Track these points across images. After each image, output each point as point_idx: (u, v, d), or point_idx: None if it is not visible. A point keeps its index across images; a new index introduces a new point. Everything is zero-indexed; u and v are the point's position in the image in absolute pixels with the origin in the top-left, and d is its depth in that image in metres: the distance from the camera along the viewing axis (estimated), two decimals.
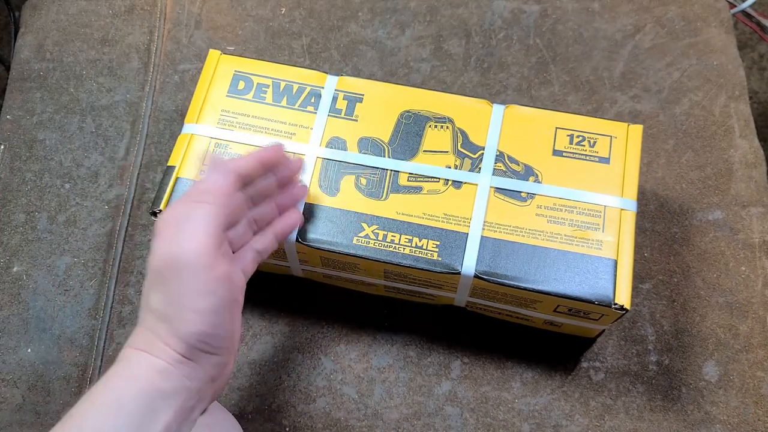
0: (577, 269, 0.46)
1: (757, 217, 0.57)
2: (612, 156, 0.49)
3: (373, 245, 0.47)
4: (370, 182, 0.49)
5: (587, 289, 0.45)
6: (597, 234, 0.47)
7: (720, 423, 0.51)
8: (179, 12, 0.67)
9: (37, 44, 0.66)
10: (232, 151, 0.50)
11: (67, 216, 0.58)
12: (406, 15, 0.67)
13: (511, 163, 0.49)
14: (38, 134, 0.62)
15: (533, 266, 0.46)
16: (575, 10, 0.66)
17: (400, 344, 0.54)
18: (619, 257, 0.46)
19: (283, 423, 0.51)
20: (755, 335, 0.53)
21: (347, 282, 0.53)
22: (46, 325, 0.54)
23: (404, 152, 0.50)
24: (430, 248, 0.47)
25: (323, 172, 0.49)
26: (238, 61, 0.53)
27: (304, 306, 0.55)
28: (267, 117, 0.51)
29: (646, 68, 0.63)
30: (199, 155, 0.50)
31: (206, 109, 0.51)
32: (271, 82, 0.52)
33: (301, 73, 0.53)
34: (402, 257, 0.46)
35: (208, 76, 0.53)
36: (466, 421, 0.51)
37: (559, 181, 0.48)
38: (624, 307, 0.44)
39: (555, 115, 0.51)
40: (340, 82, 0.52)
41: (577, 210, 0.48)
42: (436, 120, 0.51)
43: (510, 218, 0.47)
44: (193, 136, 0.50)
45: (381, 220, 0.48)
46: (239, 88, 0.52)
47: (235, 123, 0.51)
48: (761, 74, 1.08)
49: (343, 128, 0.51)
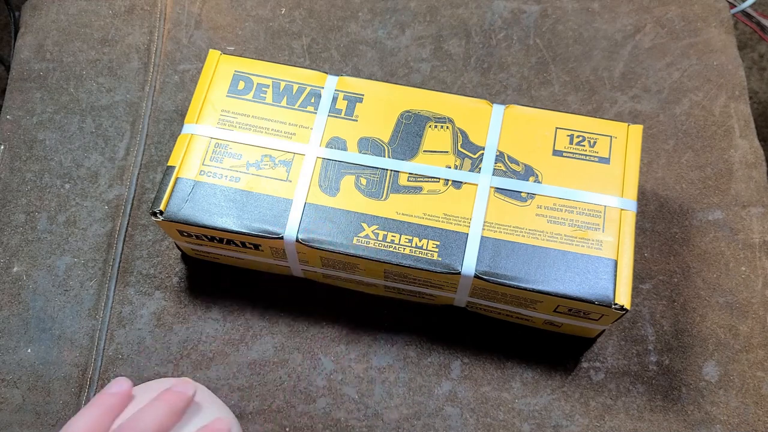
0: (577, 269, 0.46)
1: (757, 217, 0.57)
2: (612, 156, 0.49)
3: (373, 245, 0.47)
4: (370, 182, 0.49)
5: (587, 290, 0.45)
6: (597, 234, 0.47)
7: (720, 423, 0.51)
8: (179, 12, 0.67)
9: (37, 44, 0.66)
10: (232, 151, 0.50)
11: (67, 216, 0.58)
12: (406, 15, 0.67)
13: (511, 163, 0.49)
14: (38, 134, 0.62)
15: (533, 266, 0.46)
16: (575, 10, 0.66)
17: (400, 344, 0.54)
18: (620, 257, 0.46)
19: (283, 423, 0.51)
20: (755, 335, 0.53)
21: (347, 282, 0.53)
22: (46, 325, 0.54)
23: (404, 152, 0.50)
24: (430, 248, 0.47)
25: (323, 172, 0.49)
26: (238, 61, 0.53)
27: (304, 306, 0.55)
28: (267, 117, 0.51)
29: (646, 68, 0.63)
30: (199, 156, 0.50)
31: (206, 109, 0.51)
32: (271, 82, 0.52)
33: (301, 73, 0.53)
34: (402, 257, 0.46)
35: (208, 76, 0.53)
36: (466, 421, 0.51)
37: (559, 181, 0.48)
38: (624, 307, 0.44)
39: (555, 115, 0.51)
40: (340, 82, 0.52)
41: (577, 210, 0.48)
42: (436, 120, 0.51)
43: (510, 218, 0.47)
44: (193, 136, 0.50)
45: (381, 220, 0.47)
46: (239, 88, 0.52)
47: (235, 123, 0.51)
48: (761, 74, 1.08)
49: (343, 128, 0.51)
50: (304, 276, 0.54)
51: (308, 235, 0.47)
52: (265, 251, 0.50)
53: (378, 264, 0.47)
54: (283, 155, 0.50)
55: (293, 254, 0.49)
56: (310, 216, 0.48)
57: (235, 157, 0.50)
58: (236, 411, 0.51)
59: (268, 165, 0.50)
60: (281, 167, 0.50)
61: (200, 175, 0.49)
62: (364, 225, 0.47)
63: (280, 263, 0.52)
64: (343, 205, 0.48)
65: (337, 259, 0.48)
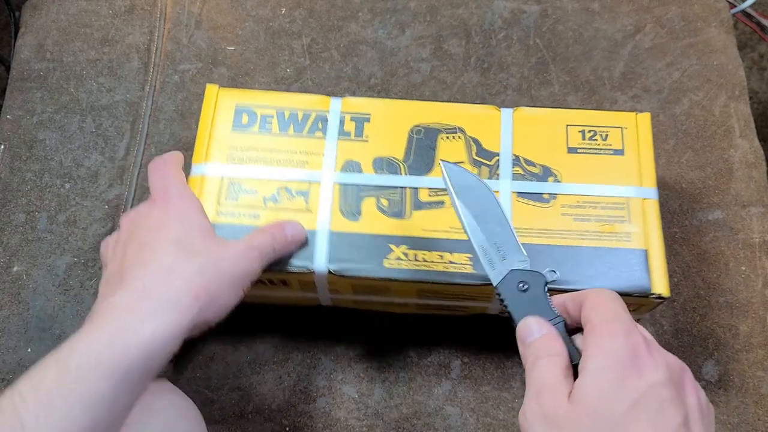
0: (610, 264, 0.45)
1: (757, 217, 0.57)
2: (625, 147, 0.49)
3: (405, 266, 0.45)
4: (391, 202, 0.48)
5: (624, 283, 0.45)
6: (624, 226, 0.46)
7: (720, 423, 0.51)
8: (179, 12, 0.67)
9: (37, 44, 0.66)
10: (246, 188, 0.48)
11: (67, 216, 0.58)
12: (406, 15, 0.67)
13: (528, 166, 0.49)
14: (38, 134, 0.62)
15: (567, 267, 0.45)
16: (575, 10, 0.66)
17: (400, 344, 0.54)
18: (649, 246, 0.46)
19: (283, 423, 0.51)
20: (755, 335, 0.53)
21: (377, 305, 0.51)
22: (46, 325, 0.54)
23: (420, 167, 0.49)
24: (463, 262, 0.46)
25: (342, 198, 0.48)
26: (237, 93, 0.52)
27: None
28: (276, 148, 0.49)
29: (646, 68, 0.63)
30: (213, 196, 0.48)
31: (213, 148, 0.49)
32: (275, 112, 0.51)
33: (303, 98, 0.51)
34: (436, 275, 0.45)
35: (209, 112, 0.50)
36: (466, 421, 0.51)
37: (578, 178, 0.48)
38: (662, 295, 0.44)
39: (563, 112, 0.50)
40: (345, 103, 0.51)
41: (601, 205, 0.47)
42: (447, 131, 0.50)
43: (536, 221, 0.47)
44: (204, 177, 0.48)
45: (409, 240, 0.46)
46: (243, 122, 0.50)
47: (245, 158, 0.49)
48: (761, 74, 1.08)
49: (355, 150, 0.49)
50: (333, 305, 0.53)
51: (339, 265, 0.46)
52: (293, 286, 0.49)
53: (412, 284, 0.46)
54: (299, 185, 0.48)
55: (323, 285, 0.48)
56: (336, 245, 0.46)
57: (251, 194, 0.48)
58: (236, 411, 0.51)
59: (285, 197, 0.48)
60: (299, 198, 0.48)
61: (218, 217, 0.47)
62: (392, 246, 0.46)
63: (308, 295, 0.50)
64: (367, 229, 0.47)
65: (369, 285, 0.47)
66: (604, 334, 0.31)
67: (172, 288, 0.37)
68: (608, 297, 0.33)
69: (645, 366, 0.30)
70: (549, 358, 0.32)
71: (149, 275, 0.37)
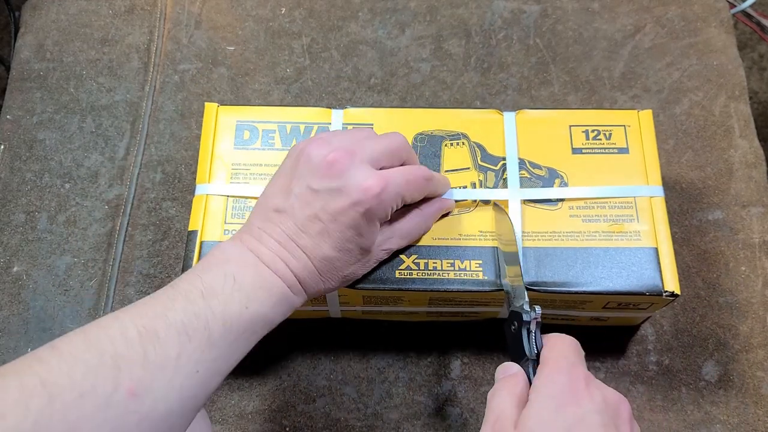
0: (621, 264, 0.45)
1: (757, 217, 0.57)
2: (630, 145, 0.49)
3: (417, 275, 0.45)
4: None
5: (635, 282, 0.45)
6: (633, 225, 0.46)
7: (720, 423, 0.51)
8: (179, 12, 0.67)
9: (37, 44, 0.66)
10: (251, 204, 0.48)
11: (67, 216, 0.58)
12: (406, 15, 0.67)
13: (534, 169, 0.48)
14: (38, 134, 0.62)
15: (578, 268, 0.45)
16: (575, 10, 0.66)
17: (400, 344, 0.54)
18: (659, 244, 0.46)
19: (283, 423, 0.51)
20: (755, 335, 0.53)
21: (387, 315, 0.51)
22: (46, 325, 0.54)
23: None
24: (474, 269, 0.45)
25: None
26: (237, 110, 0.51)
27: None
28: (280, 163, 0.49)
29: (646, 68, 0.63)
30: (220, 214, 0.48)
31: (216, 166, 0.49)
32: (277, 127, 0.50)
33: (305, 112, 0.51)
34: (448, 282, 0.45)
35: (209, 130, 0.50)
36: (466, 421, 0.51)
37: (584, 179, 0.48)
38: (674, 293, 0.44)
39: (566, 113, 0.50)
40: (346, 114, 0.50)
41: (609, 205, 0.47)
42: (451, 138, 0.50)
43: (545, 224, 0.47)
44: (209, 196, 0.48)
45: (419, 249, 0.46)
46: (245, 138, 0.50)
47: (249, 175, 0.49)
48: (761, 74, 1.08)
49: None
50: (343, 317, 0.52)
51: None
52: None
53: (424, 293, 0.46)
54: None
55: (334, 298, 0.48)
56: None
57: None
58: (236, 411, 0.51)
59: None
60: None
61: (225, 235, 0.47)
62: (402, 257, 0.46)
63: (318, 309, 0.50)
64: None
65: (380, 296, 0.47)
66: (551, 368, 0.36)
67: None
68: (565, 340, 0.37)
69: (582, 397, 0.34)
70: (508, 390, 0.36)
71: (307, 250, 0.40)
